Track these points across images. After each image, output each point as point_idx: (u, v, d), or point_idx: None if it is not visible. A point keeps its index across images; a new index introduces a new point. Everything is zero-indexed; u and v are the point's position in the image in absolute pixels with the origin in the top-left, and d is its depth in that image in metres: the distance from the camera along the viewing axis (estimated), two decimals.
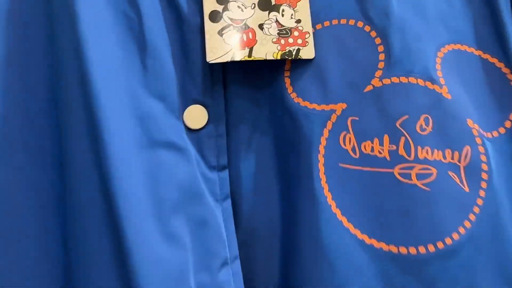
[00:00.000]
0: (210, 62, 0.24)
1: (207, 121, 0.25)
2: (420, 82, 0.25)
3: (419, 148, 0.24)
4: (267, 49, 0.25)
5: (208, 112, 0.25)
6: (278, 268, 0.25)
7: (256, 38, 0.25)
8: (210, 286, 0.22)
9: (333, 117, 0.25)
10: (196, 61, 0.25)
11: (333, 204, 0.24)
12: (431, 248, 0.23)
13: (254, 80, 0.26)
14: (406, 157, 0.24)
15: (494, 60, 0.27)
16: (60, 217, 0.24)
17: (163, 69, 0.25)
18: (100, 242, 0.22)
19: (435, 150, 0.24)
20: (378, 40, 0.25)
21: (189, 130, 0.25)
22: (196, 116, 0.25)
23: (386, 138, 0.24)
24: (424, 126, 0.24)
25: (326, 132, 0.25)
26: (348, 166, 0.24)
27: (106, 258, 0.22)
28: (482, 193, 0.24)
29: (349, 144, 0.24)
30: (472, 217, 0.23)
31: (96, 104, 0.23)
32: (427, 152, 0.24)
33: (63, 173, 0.24)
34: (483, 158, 0.24)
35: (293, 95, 0.26)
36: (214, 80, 0.26)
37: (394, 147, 0.24)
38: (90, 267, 0.22)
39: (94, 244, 0.22)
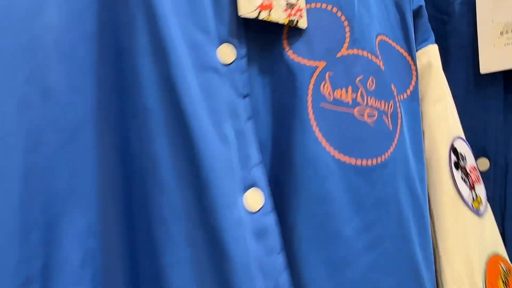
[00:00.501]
0: (241, 16, 0.32)
1: (235, 57, 0.32)
2: (369, 55, 0.37)
3: (369, 97, 0.36)
4: (279, 15, 0.34)
5: (236, 50, 0.33)
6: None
7: (273, 5, 0.34)
8: (248, 180, 0.30)
9: (317, 71, 0.35)
10: (228, 11, 0.33)
11: (316, 129, 0.34)
12: (374, 161, 0.35)
13: (263, 36, 0.35)
14: (361, 102, 0.36)
15: (401, 50, 0.41)
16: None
17: (204, 11, 0.32)
18: (172, 138, 0.27)
19: (377, 100, 0.37)
20: (345, 23, 0.37)
21: (221, 63, 0.32)
22: (227, 52, 0.32)
23: (350, 88, 0.36)
24: (370, 83, 0.37)
25: (312, 81, 0.35)
26: (325, 105, 0.35)
27: (176, 151, 0.27)
28: (398, 131, 0.38)
29: (326, 90, 0.35)
30: (393, 145, 0.37)
31: (162, 34, 0.28)
32: (373, 101, 0.36)
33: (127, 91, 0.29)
34: (399, 110, 0.38)
35: (290, 52, 0.35)
36: (239, 28, 0.33)
37: (354, 96, 0.36)
38: (159, 159, 0.27)
39: (164, 142, 0.27)
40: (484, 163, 0.51)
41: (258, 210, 0.30)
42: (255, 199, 0.30)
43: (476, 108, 0.51)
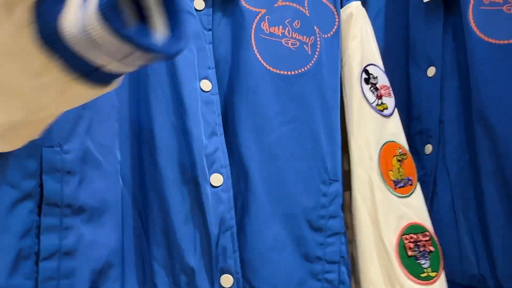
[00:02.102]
0: None
1: (204, 7, 0.56)
2: (298, 6, 0.59)
3: (293, 33, 0.58)
4: None
5: (205, 2, 0.56)
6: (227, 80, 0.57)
7: None
8: (202, 74, 0.54)
9: (259, 14, 0.58)
10: None
11: (257, 52, 0.57)
12: (293, 72, 0.57)
13: None
14: (288, 35, 0.58)
15: (328, 3, 0.62)
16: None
17: None
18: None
19: (300, 35, 0.58)
20: None
21: (195, 10, 0.56)
22: (199, 3, 0.56)
23: (280, 27, 0.58)
24: (296, 24, 0.58)
25: (256, 20, 0.57)
26: (263, 36, 0.58)
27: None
28: (316, 55, 0.59)
29: (265, 27, 0.58)
30: (311, 64, 0.58)
31: None
32: (297, 35, 0.58)
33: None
34: (319, 42, 0.59)
35: (243, 2, 0.58)
36: None
37: (283, 31, 0.58)
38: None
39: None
40: (431, 71, 0.66)
41: (209, 91, 0.54)
42: (206, 84, 0.53)
43: (423, 29, 0.67)
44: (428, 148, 0.65)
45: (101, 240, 0.45)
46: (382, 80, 0.64)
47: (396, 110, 0.64)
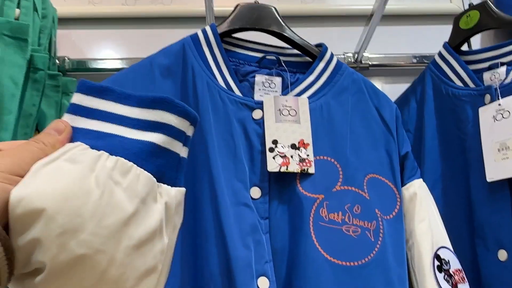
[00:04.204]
0: (270, 171, 0.54)
1: (260, 195, 0.54)
2: (357, 190, 0.56)
3: (354, 219, 0.55)
4: (294, 167, 0.55)
5: (261, 191, 0.54)
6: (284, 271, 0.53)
7: (289, 162, 0.56)
8: (260, 271, 0.50)
9: (317, 201, 0.55)
10: (258, 167, 0.55)
11: (316, 242, 0.53)
12: (356, 263, 0.53)
13: (284, 178, 0.56)
14: (348, 222, 0.54)
15: (389, 183, 0.59)
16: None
17: (244, 169, 0.55)
18: (216, 243, 0.49)
19: (361, 221, 0.55)
20: (339, 169, 0.57)
21: (252, 198, 0.54)
22: (256, 192, 0.54)
23: (340, 213, 0.55)
24: (356, 209, 0.55)
25: (314, 207, 0.55)
26: (322, 224, 0.54)
27: (218, 250, 0.49)
28: (379, 242, 0.54)
29: (323, 214, 0.55)
30: (374, 252, 0.54)
31: (215, 185, 0.52)
32: (358, 221, 0.54)
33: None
34: (381, 227, 0.55)
35: (300, 188, 0.56)
36: (265, 177, 0.55)
37: (343, 217, 0.55)
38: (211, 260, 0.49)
39: (212, 242, 0.50)
40: (503, 254, 0.61)
41: None
42: (264, 283, 0.49)
43: (490, 209, 0.63)
44: None
45: None
46: (454, 263, 0.58)
47: None
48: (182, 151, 0.32)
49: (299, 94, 0.61)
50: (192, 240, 0.52)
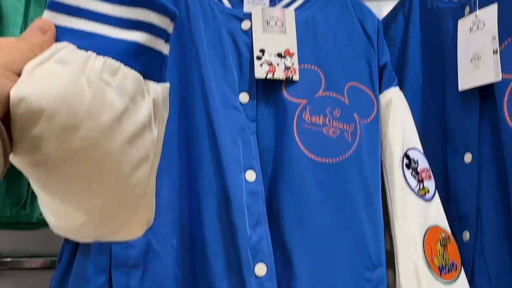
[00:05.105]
0: (257, 77, 0.59)
1: (249, 100, 0.60)
2: (337, 95, 0.61)
3: (334, 121, 0.60)
4: (279, 74, 0.60)
5: (249, 96, 0.60)
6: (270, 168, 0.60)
7: (275, 69, 0.60)
8: (247, 165, 0.57)
9: (301, 105, 0.61)
10: (247, 74, 0.60)
11: (299, 142, 0.59)
12: (334, 160, 0.59)
13: (270, 85, 0.61)
14: (328, 124, 0.60)
15: (367, 90, 0.64)
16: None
17: (233, 76, 0.59)
18: (209, 143, 0.55)
19: (340, 123, 0.60)
20: (322, 76, 0.62)
21: (240, 103, 0.59)
22: (244, 97, 0.59)
23: (321, 116, 0.60)
24: (336, 113, 0.61)
25: (297, 111, 0.60)
26: (305, 126, 0.60)
27: (211, 149, 0.55)
28: (356, 143, 0.61)
29: (306, 117, 0.60)
30: (351, 151, 0.60)
31: (206, 90, 0.57)
32: (337, 124, 0.60)
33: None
34: (358, 130, 0.61)
35: (285, 93, 0.61)
36: (253, 83, 0.60)
37: (324, 120, 0.60)
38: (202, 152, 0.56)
39: (205, 143, 0.56)
40: (468, 157, 0.67)
41: (253, 181, 0.56)
42: (251, 175, 0.56)
43: (460, 116, 0.68)
44: (466, 235, 0.64)
45: None
46: (422, 163, 0.65)
47: (436, 192, 0.65)
48: (165, 48, 0.33)
49: (286, 6, 0.64)
50: (185, 138, 0.58)
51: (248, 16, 0.62)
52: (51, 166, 0.28)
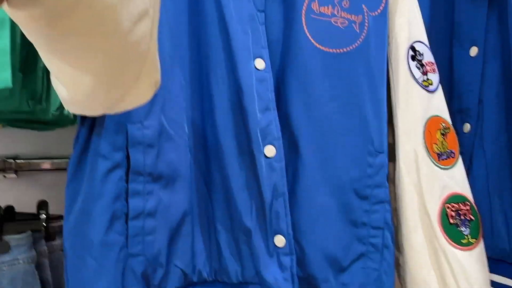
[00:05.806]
0: None
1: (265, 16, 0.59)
2: None
3: (342, 12, 0.61)
4: None
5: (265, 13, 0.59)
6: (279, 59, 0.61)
7: None
8: (256, 54, 0.58)
9: None
10: None
11: (307, 32, 0.60)
12: (342, 50, 0.61)
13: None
14: (337, 15, 0.61)
15: None
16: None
17: None
18: (220, 32, 0.56)
19: (348, 14, 0.61)
20: None
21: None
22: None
23: (330, 6, 0.61)
24: (345, 3, 0.61)
25: (306, 1, 0.60)
26: (313, 16, 0.61)
27: (222, 37, 0.56)
28: (364, 34, 0.62)
29: (315, 7, 0.61)
30: (358, 42, 0.61)
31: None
32: (346, 14, 0.61)
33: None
34: (366, 21, 0.62)
35: None
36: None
37: (332, 10, 0.61)
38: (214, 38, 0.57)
39: (216, 33, 0.56)
40: (474, 50, 0.68)
41: (262, 69, 0.58)
42: (260, 63, 0.58)
43: (468, 12, 0.68)
44: (466, 127, 0.67)
45: (175, 203, 0.52)
46: (428, 56, 0.67)
47: (440, 86, 0.67)
48: None
49: None
50: (196, 27, 0.58)
51: None
52: (50, 19, 0.27)
